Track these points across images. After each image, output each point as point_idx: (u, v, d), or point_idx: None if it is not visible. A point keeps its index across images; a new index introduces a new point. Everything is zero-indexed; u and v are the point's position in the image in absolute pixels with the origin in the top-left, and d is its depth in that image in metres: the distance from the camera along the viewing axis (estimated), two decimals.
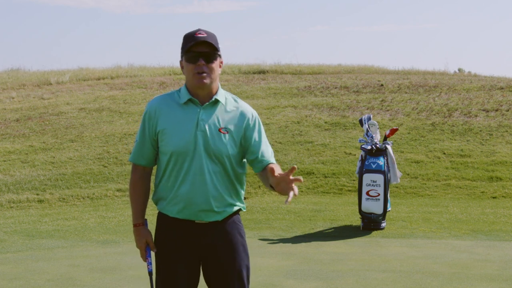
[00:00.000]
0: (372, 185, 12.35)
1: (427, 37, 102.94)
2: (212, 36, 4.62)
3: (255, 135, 4.70)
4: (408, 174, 17.20)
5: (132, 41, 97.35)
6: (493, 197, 15.76)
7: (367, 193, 12.32)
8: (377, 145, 12.58)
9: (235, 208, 4.75)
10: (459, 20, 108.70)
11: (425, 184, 16.81)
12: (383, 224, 12.47)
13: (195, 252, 4.69)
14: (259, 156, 4.70)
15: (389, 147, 12.73)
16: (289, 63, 33.82)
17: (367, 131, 12.88)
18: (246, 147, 4.70)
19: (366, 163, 12.52)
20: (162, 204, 4.73)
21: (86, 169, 17.91)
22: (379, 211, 12.28)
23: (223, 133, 4.59)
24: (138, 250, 4.91)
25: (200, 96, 4.65)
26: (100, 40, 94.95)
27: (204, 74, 4.56)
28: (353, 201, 14.48)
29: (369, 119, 13.05)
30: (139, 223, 4.85)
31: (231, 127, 4.63)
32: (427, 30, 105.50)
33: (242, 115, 4.70)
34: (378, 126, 13.15)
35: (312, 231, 12.45)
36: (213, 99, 4.64)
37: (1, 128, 22.04)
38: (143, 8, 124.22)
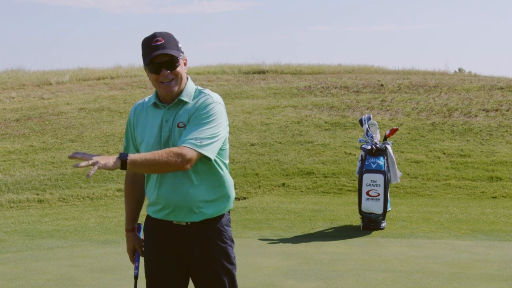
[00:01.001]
0: (372, 185, 12.33)
1: (427, 37, 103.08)
2: (169, 40, 4.51)
3: (195, 119, 4.47)
4: (408, 174, 17.19)
5: (132, 41, 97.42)
6: (493, 197, 15.75)
7: (367, 193, 12.30)
8: (377, 145, 12.57)
9: (217, 210, 4.64)
10: (459, 20, 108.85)
11: (425, 184, 16.80)
12: (383, 224, 12.47)
13: (177, 256, 4.65)
14: (182, 137, 4.45)
15: (389, 147, 12.72)
16: (289, 63, 33.86)
17: (367, 131, 12.87)
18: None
19: (366, 163, 12.50)
20: (148, 206, 4.73)
21: (86, 169, 17.89)
22: (379, 211, 12.27)
23: (180, 128, 4.48)
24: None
25: (168, 99, 4.60)
26: (100, 40, 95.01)
27: (171, 83, 4.49)
28: (353, 201, 14.48)
29: (369, 119, 13.03)
30: (128, 229, 4.92)
31: (186, 119, 4.50)
32: (427, 30, 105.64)
33: (197, 103, 4.54)
34: (378, 126, 13.14)
35: (312, 231, 12.44)
36: (176, 99, 4.55)
37: (1, 128, 22.03)
38: (143, 8, 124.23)
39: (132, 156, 4.23)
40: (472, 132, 20.02)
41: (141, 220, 4.93)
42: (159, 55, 4.44)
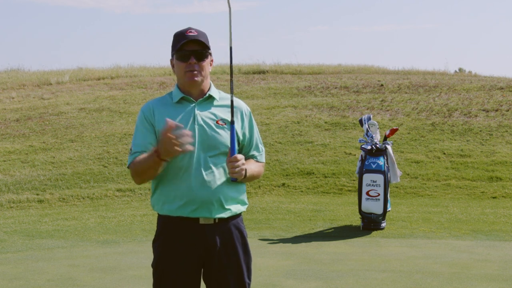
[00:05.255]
0: (372, 185, 12.32)
1: (427, 37, 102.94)
2: (203, 34, 4.62)
3: (249, 131, 4.73)
4: (408, 174, 17.18)
5: (132, 41, 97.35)
6: (493, 197, 15.74)
7: (367, 193, 12.29)
8: (377, 145, 12.57)
9: (240, 207, 4.67)
10: (459, 20, 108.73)
11: (425, 184, 16.80)
12: (383, 224, 12.46)
13: (199, 256, 4.57)
14: (247, 149, 4.74)
15: (389, 147, 12.71)
16: (289, 63, 33.79)
17: (367, 131, 12.86)
18: (241, 141, 4.68)
19: (366, 163, 12.49)
20: (162, 206, 4.58)
21: (86, 169, 17.89)
22: (379, 211, 12.26)
23: (221, 125, 4.57)
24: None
25: (193, 94, 4.64)
26: (100, 40, 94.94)
27: (195, 72, 4.55)
28: (353, 201, 14.48)
29: (369, 119, 13.03)
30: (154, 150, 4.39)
31: (229, 120, 4.56)
32: (427, 30, 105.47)
33: (238, 109, 4.67)
34: (378, 126, 13.13)
35: (312, 231, 12.44)
36: (207, 94, 4.65)
37: (1, 128, 22.01)
38: (143, 8, 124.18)
39: (248, 172, 4.53)
40: (472, 132, 20.02)
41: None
42: (191, 43, 4.54)
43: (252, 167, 4.60)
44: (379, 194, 12.27)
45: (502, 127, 20.27)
